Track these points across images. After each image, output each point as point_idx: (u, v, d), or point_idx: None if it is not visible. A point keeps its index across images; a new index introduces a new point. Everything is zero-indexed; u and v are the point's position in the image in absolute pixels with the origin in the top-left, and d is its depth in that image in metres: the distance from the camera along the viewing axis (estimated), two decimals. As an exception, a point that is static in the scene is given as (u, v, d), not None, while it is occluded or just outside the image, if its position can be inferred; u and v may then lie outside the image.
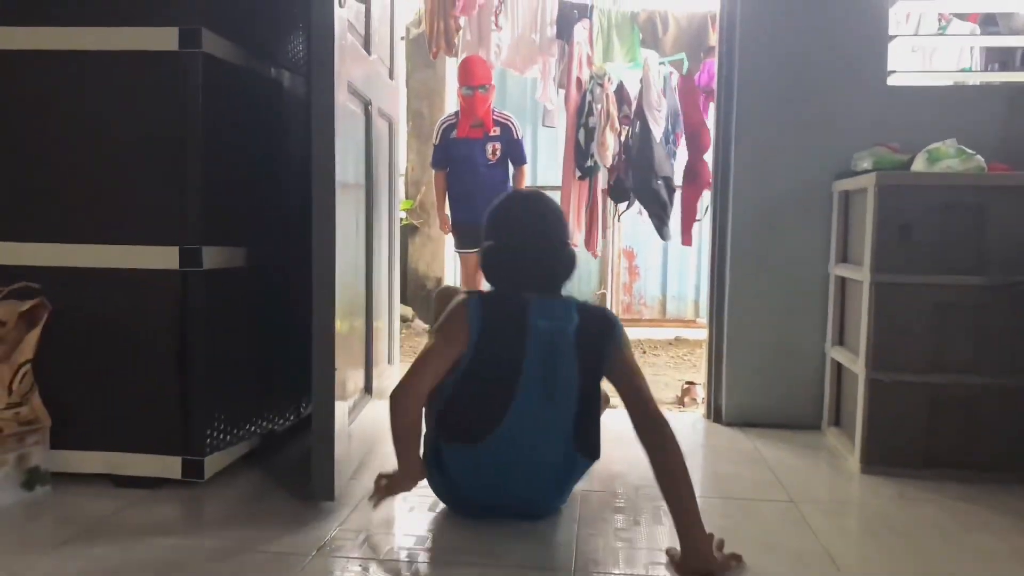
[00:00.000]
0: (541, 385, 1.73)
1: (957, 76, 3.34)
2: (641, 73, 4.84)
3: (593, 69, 4.85)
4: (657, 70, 4.87)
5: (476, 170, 4.13)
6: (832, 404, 2.64)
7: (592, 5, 4.80)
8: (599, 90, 4.79)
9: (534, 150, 5.76)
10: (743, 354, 2.77)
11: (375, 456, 2.26)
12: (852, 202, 2.52)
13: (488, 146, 4.13)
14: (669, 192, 4.90)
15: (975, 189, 2.20)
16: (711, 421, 2.83)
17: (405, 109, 5.90)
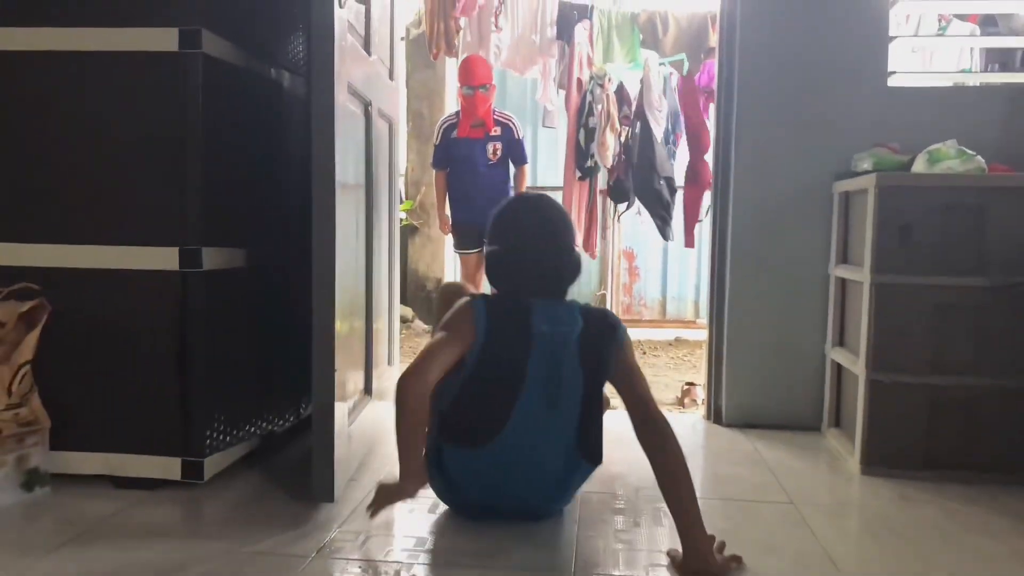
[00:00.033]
0: (545, 390, 1.72)
1: (957, 77, 3.34)
2: (641, 74, 4.85)
3: (593, 70, 4.85)
4: (657, 70, 4.87)
5: (476, 170, 4.11)
6: (832, 405, 2.64)
7: (592, 6, 4.80)
8: (599, 91, 4.80)
9: (534, 151, 5.75)
10: (743, 355, 2.77)
11: (375, 457, 2.26)
12: (852, 203, 2.52)
13: (489, 146, 4.11)
14: (671, 192, 4.90)
15: (975, 190, 2.20)
16: (711, 422, 2.83)
17: (405, 109, 5.91)
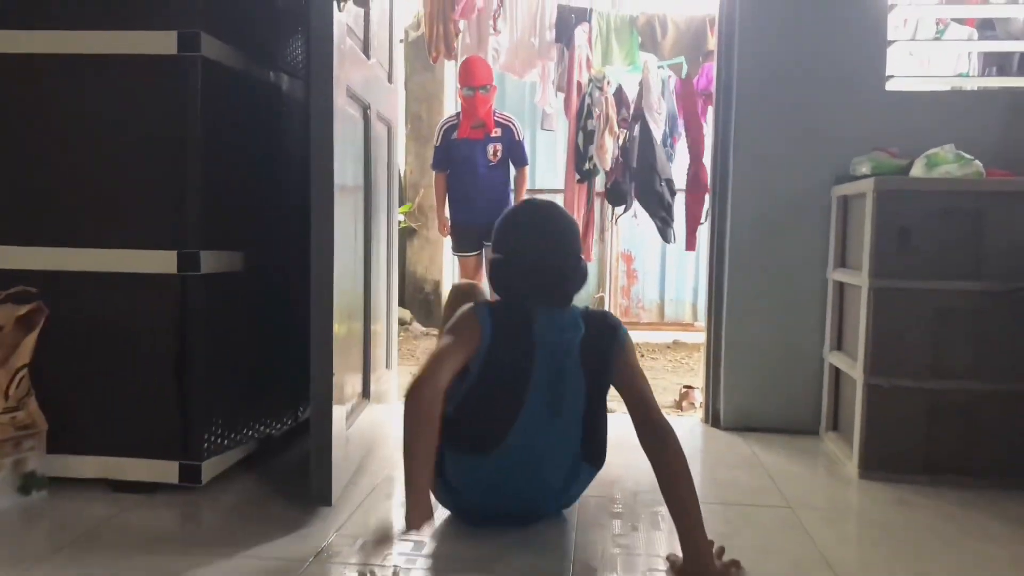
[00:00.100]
0: (548, 397, 1.71)
1: (955, 81, 3.34)
2: (640, 76, 4.85)
3: (592, 72, 4.85)
4: (656, 73, 4.87)
5: (477, 171, 4.09)
6: (830, 409, 2.63)
7: (591, 9, 4.80)
8: (598, 93, 4.80)
9: (532, 154, 5.75)
10: (742, 358, 2.77)
11: (373, 460, 2.25)
12: (851, 207, 2.52)
13: (489, 147, 4.10)
14: (671, 194, 4.90)
15: (974, 194, 2.20)
16: (709, 426, 2.83)
17: (404, 112, 5.90)
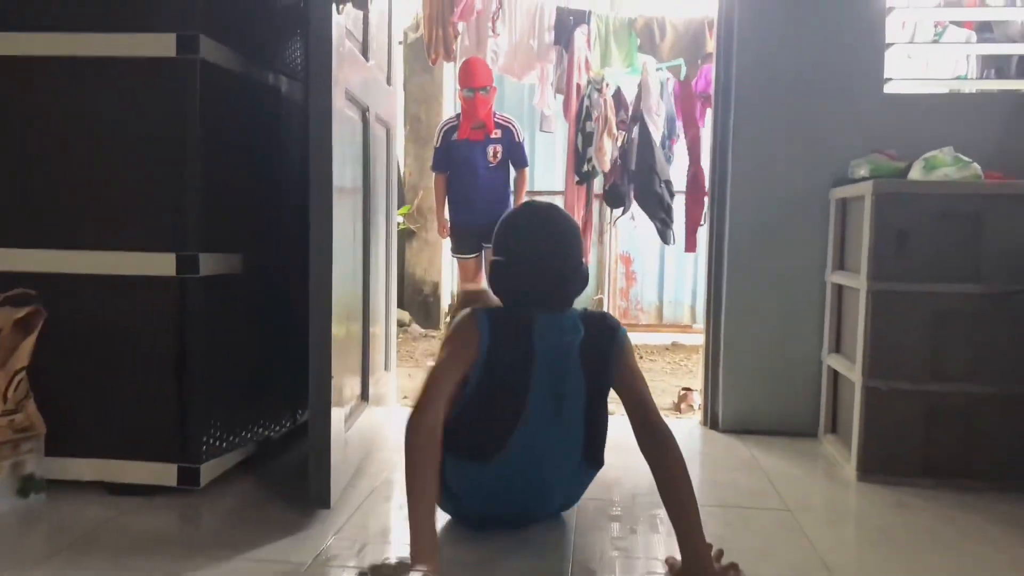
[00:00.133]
0: (549, 402, 1.71)
1: (953, 83, 3.35)
2: (639, 78, 4.85)
3: (591, 74, 4.85)
4: (655, 75, 4.88)
5: (477, 172, 4.09)
6: (829, 412, 2.64)
7: (590, 11, 4.81)
8: (596, 95, 4.80)
9: (531, 156, 5.75)
10: (740, 361, 2.77)
11: (372, 462, 2.25)
12: (849, 209, 2.52)
13: (489, 148, 4.10)
14: (671, 195, 4.90)
15: (972, 197, 2.21)
16: (708, 428, 2.83)
17: (403, 114, 5.90)
